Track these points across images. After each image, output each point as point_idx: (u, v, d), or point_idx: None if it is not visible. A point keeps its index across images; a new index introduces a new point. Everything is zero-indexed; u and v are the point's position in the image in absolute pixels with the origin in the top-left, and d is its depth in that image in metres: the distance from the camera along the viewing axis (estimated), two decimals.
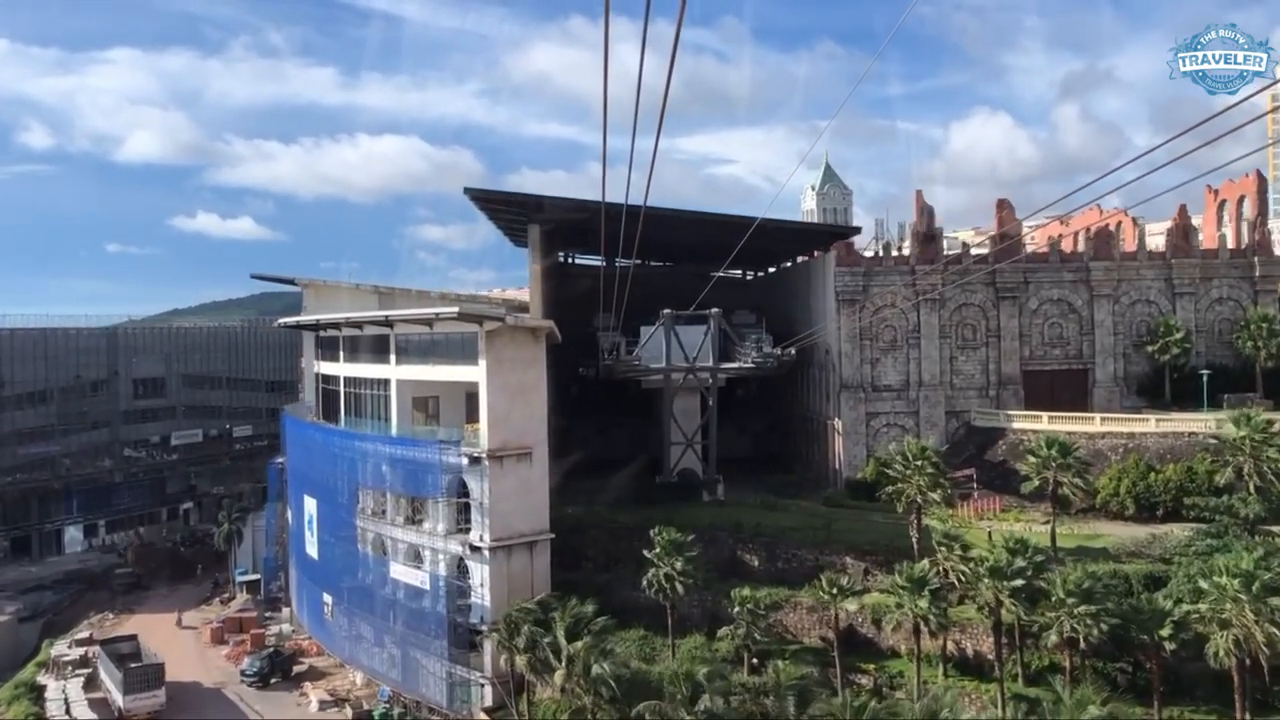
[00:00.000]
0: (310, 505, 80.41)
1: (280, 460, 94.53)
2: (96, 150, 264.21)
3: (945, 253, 79.34)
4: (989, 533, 61.97)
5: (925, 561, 53.53)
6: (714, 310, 74.99)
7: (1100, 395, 78.99)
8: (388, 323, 69.22)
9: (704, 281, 75.58)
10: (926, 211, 79.49)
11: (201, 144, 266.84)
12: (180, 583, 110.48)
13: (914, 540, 58.12)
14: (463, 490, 64.09)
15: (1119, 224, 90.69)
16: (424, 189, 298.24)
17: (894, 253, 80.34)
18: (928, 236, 78.95)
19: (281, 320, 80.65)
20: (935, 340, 79.11)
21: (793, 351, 75.38)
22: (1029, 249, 79.36)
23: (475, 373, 63.31)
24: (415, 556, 67.51)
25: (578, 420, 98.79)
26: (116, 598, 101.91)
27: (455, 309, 60.15)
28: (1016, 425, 75.02)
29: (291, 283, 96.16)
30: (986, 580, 49.20)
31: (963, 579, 51.89)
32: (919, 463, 56.89)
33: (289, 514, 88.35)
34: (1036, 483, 57.90)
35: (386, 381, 71.10)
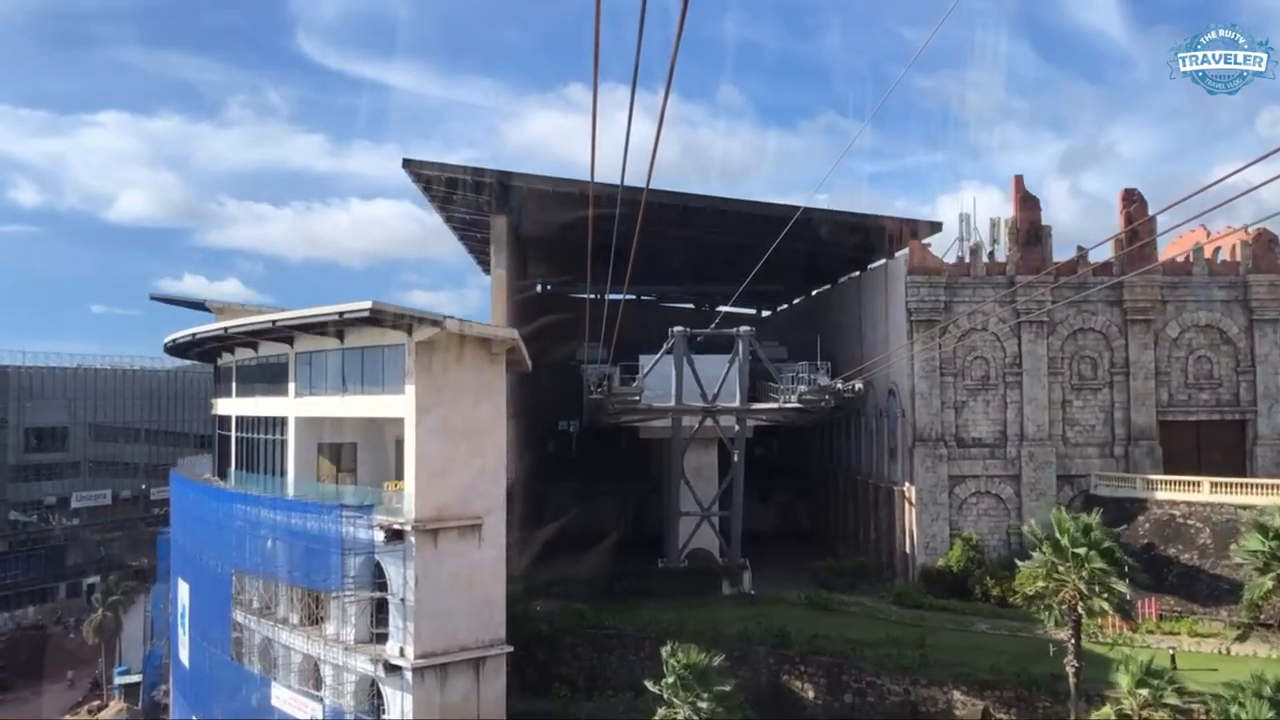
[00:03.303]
0: (184, 592, 59.76)
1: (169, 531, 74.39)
2: (86, 208, 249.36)
3: (1055, 260, 59.22)
4: (1170, 655, 41.72)
5: (1109, 711, 32.93)
6: (743, 329, 55.41)
7: (1265, 455, 59.80)
8: (285, 336, 49.09)
9: (710, 317, 57.08)
10: (1029, 203, 59.78)
11: (192, 204, 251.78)
12: (57, 680, 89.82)
13: (1070, 670, 37.49)
14: (380, 578, 43.79)
15: (1235, 246, 71.09)
16: (414, 253, 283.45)
17: (985, 258, 60.08)
18: (1031, 236, 59.12)
19: (167, 339, 60.49)
20: (1042, 378, 59.43)
21: (859, 385, 55.08)
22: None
23: (401, 405, 43.35)
24: (313, 674, 47.44)
25: (552, 483, 78.82)
26: None
27: (366, 305, 40.17)
28: (1161, 495, 55.28)
29: (201, 306, 76.86)
30: None
31: None
32: (1082, 549, 36.34)
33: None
34: (1268, 584, 37.24)
35: (283, 421, 50.87)
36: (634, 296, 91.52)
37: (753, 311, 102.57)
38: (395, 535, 43.03)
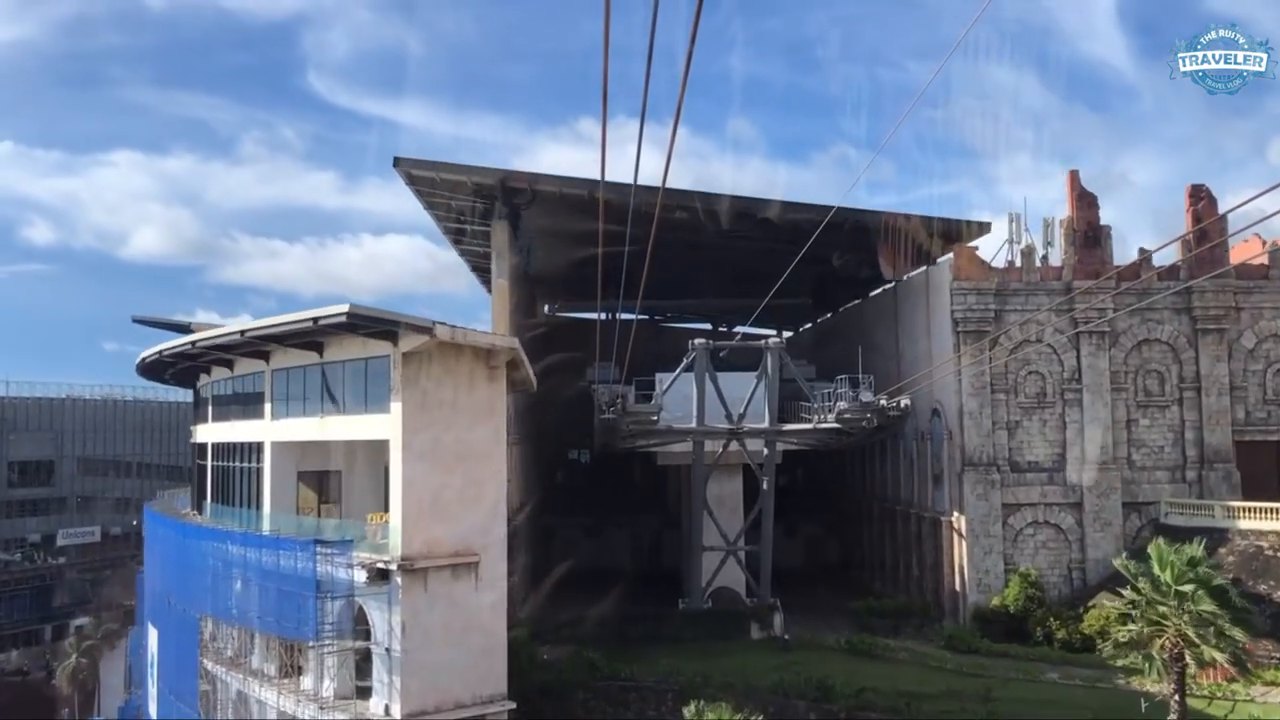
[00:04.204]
0: (153, 639, 54.34)
1: None
2: (100, 246, 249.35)
3: (1116, 264, 53.73)
4: None
5: None
6: (771, 340, 49.90)
7: None
8: (260, 351, 43.82)
9: (728, 338, 51.88)
10: (1086, 201, 54.27)
11: (205, 241, 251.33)
12: None
13: None
14: (363, 625, 38.34)
15: None
16: (427, 288, 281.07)
17: (1038, 261, 54.51)
18: (1089, 237, 53.59)
19: (138, 359, 55.13)
20: (1104, 394, 53.83)
21: (906, 402, 49.42)
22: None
23: (385, 426, 37.96)
24: None
25: (561, 516, 73.27)
26: None
27: (343, 309, 34.68)
28: (1245, 524, 49.56)
29: (185, 329, 71.66)
30: None
31: None
32: (1189, 587, 30.51)
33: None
34: None
35: (259, 446, 45.54)
36: (646, 316, 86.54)
37: (773, 332, 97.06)
38: (379, 575, 37.64)
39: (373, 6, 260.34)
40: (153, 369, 58.42)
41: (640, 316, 68.16)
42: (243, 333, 41.04)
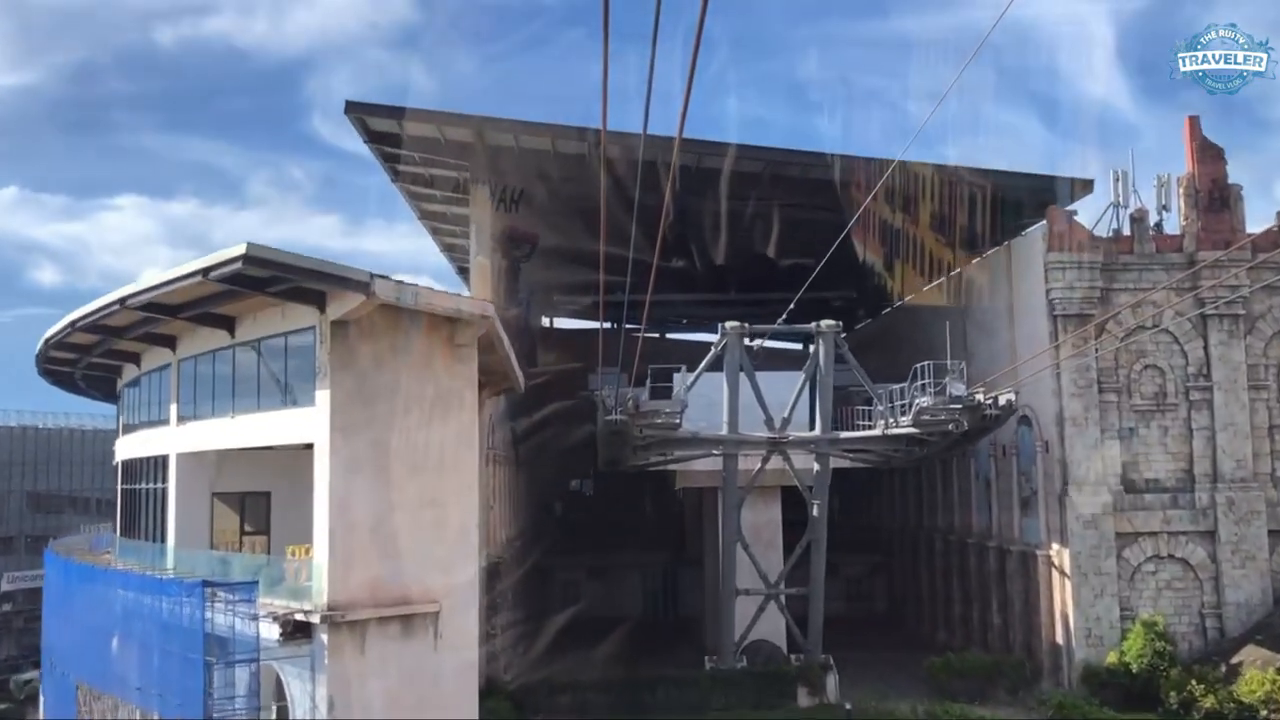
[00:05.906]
0: (41, 710, 43.97)
1: None
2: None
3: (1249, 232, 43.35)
4: None
5: None
6: (824, 324, 39.23)
7: None
8: (164, 336, 33.71)
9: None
10: (1211, 154, 43.86)
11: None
12: None
13: None
14: (284, 700, 28.03)
15: None
16: None
17: (1152, 229, 44.03)
18: (1216, 200, 43.21)
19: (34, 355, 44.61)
20: (1240, 393, 43.30)
21: (1011, 397, 38.58)
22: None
23: (309, 424, 27.49)
24: None
25: (560, 555, 62.91)
26: None
27: (238, 251, 24.17)
28: None
29: None
30: None
31: None
32: None
33: None
34: None
35: (163, 461, 35.18)
36: (652, 330, 76.62)
37: (799, 347, 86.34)
38: (298, 630, 27.08)
39: (381, 47, 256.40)
40: (56, 374, 48.33)
41: (645, 329, 58.20)
42: (122, 301, 30.58)
